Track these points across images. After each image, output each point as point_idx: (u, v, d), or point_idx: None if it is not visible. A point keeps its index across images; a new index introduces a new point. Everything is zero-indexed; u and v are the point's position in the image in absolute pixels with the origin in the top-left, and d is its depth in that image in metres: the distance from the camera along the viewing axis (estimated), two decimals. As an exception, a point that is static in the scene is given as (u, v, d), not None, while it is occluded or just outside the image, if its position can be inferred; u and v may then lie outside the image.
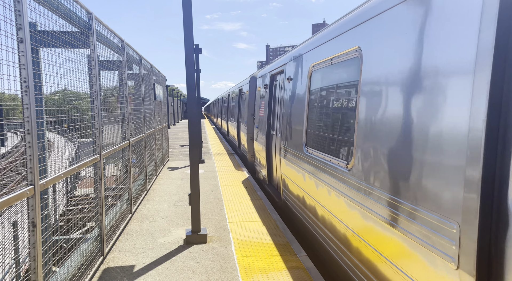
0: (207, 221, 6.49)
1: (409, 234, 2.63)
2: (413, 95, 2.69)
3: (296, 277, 4.38)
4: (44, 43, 3.43)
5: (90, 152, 4.60)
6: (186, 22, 5.24)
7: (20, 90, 2.80)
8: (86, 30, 4.54)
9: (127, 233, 5.93)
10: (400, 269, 2.79)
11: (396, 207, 2.81)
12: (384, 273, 3.04)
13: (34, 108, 2.86)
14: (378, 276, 3.14)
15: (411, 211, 2.61)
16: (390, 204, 2.90)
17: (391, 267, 2.91)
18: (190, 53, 5.34)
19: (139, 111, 8.00)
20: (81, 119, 4.43)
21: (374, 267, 3.23)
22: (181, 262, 4.83)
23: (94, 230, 4.78)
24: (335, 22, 4.71)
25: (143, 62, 8.67)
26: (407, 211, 2.66)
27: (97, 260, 4.70)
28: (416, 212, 2.54)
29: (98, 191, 4.80)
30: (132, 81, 7.73)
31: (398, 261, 2.82)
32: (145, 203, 7.77)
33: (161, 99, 11.99)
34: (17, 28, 2.78)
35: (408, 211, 2.65)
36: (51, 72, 3.43)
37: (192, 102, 5.58)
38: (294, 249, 5.21)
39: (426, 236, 2.41)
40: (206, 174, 10.91)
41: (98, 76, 4.76)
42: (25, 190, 2.75)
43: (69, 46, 3.99)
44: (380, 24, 3.32)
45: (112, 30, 5.75)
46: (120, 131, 6.30)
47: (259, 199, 7.91)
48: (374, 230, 3.18)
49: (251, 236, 5.74)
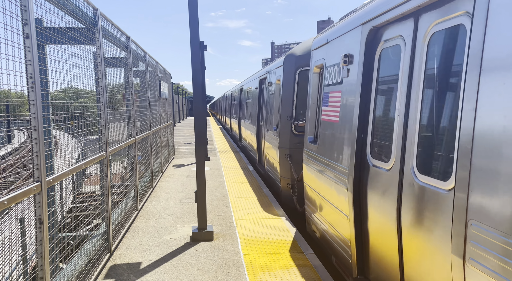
0: (213, 218, 6.47)
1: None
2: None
3: (304, 275, 4.34)
4: (50, 39, 3.41)
5: (97, 149, 4.59)
6: (192, 19, 5.21)
7: (26, 86, 2.78)
8: (92, 26, 4.52)
9: (134, 230, 5.92)
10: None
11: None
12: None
13: (40, 104, 2.84)
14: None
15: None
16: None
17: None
18: (196, 50, 5.30)
19: (144, 108, 7.99)
20: (87, 116, 4.42)
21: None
22: (188, 260, 4.81)
23: (101, 227, 4.78)
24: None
25: (149, 59, 8.65)
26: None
27: (103, 257, 4.70)
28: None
29: (105, 188, 4.79)
30: (137, 78, 7.71)
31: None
32: (151, 200, 7.77)
33: (167, 97, 11.97)
34: (23, 23, 2.76)
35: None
36: (57, 68, 3.41)
37: (198, 100, 5.55)
38: (301, 246, 5.17)
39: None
40: (212, 171, 10.89)
41: (104, 73, 4.74)
42: (32, 187, 2.73)
43: (75, 43, 3.96)
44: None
45: (117, 26, 5.72)
46: (126, 128, 6.29)
47: (265, 197, 7.87)
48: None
49: (258, 233, 5.71)
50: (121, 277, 4.35)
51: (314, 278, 4.26)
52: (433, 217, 2.64)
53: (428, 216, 2.70)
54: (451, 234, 2.43)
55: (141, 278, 4.32)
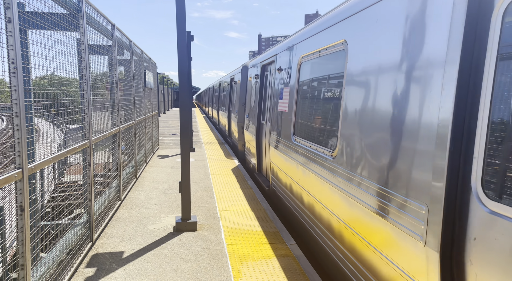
0: (197, 209, 6.49)
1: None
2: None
3: (285, 264, 4.42)
4: (33, 24, 3.34)
5: (79, 138, 4.54)
6: (179, 10, 5.16)
7: (8, 72, 2.73)
8: (76, 12, 4.43)
9: (116, 220, 5.90)
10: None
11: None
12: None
13: (22, 90, 2.80)
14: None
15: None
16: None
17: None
18: (182, 39, 5.26)
19: (129, 97, 7.90)
20: (70, 103, 4.35)
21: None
22: (171, 249, 4.84)
23: (83, 216, 4.75)
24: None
25: (134, 48, 8.53)
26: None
27: (85, 246, 4.68)
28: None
29: (88, 177, 4.75)
30: (122, 67, 7.61)
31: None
32: (135, 190, 7.73)
33: (152, 86, 11.85)
34: (5, 7, 2.70)
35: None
36: (39, 54, 3.35)
37: (185, 91, 5.52)
38: (283, 237, 5.25)
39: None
40: (197, 163, 10.88)
41: (88, 60, 4.67)
42: (13, 173, 2.70)
43: (59, 29, 3.89)
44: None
45: (102, 13, 5.63)
46: (110, 118, 6.22)
47: (249, 188, 7.93)
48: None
49: (241, 224, 5.77)
50: (104, 266, 4.34)
51: (295, 268, 4.34)
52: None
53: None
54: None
55: (123, 267, 4.33)
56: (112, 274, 4.17)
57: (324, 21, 4.65)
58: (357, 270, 3.42)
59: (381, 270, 2.96)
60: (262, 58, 8.69)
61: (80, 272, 4.19)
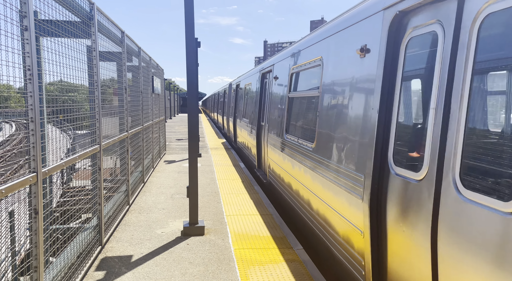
0: (204, 214, 6.53)
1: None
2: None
3: (293, 269, 4.44)
4: (47, 32, 3.43)
5: (88, 143, 4.62)
6: (188, 15, 5.25)
7: (24, 78, 2.81)
8: (87, 20, 4.53)
9: (125, 224, 5.96)
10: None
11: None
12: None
13: (37, 96, 2.88)
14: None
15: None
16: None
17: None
18: (191, 46, 5.34)
19: (137, 103, 8.00)
20: (77, 109, 4.43)
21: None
22: (179, 253, 4.88)
23: (93, 220, 4.81)
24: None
25: (142, 54, 8.65)
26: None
27: (95, 249, 4.73)
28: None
29: (97, 182, 4.82)
30: (131, 73, 7.72)
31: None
32: (142, 195, 7.80)
33: (159, 92, 11.96)
34: (22, 16, 2.78)
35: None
36: (52, 61, 3.43)
37: (192, 97, 5.59)
38: (290, 242, 5.27)
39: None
40: (203, 168, 10.94)
41: (99, 67, 4.76)
42: (28, 177, 2.77)
43: (71, 36, 3.98)
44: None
45: (113, 21, 5.74)
46: (118, 123, 6.31)
47: (256, 193, 7.96)
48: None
49: (248, 229, 5.80)
50: (113, 269, 4.39)
51: (303, 273, 4.36)
52: None
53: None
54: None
55: (132, 270, 4.37)
56: (121, 277, 4.22)
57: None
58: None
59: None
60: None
61: (90, 275, 4.24)
